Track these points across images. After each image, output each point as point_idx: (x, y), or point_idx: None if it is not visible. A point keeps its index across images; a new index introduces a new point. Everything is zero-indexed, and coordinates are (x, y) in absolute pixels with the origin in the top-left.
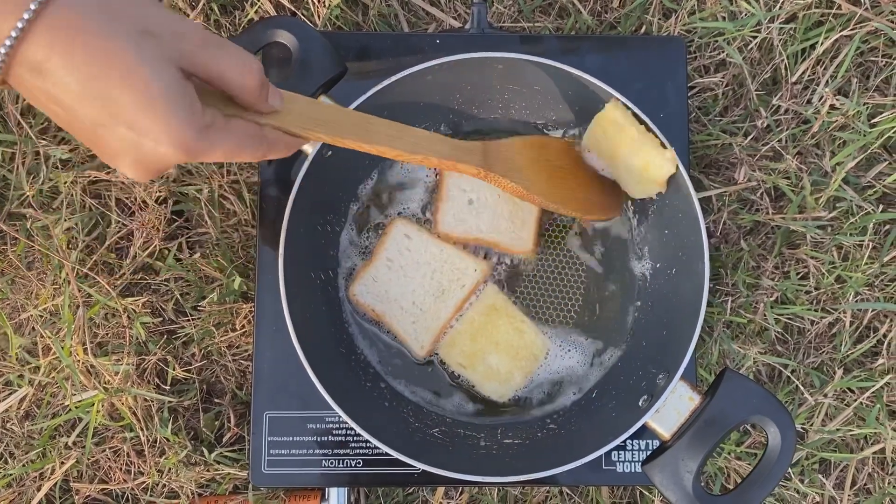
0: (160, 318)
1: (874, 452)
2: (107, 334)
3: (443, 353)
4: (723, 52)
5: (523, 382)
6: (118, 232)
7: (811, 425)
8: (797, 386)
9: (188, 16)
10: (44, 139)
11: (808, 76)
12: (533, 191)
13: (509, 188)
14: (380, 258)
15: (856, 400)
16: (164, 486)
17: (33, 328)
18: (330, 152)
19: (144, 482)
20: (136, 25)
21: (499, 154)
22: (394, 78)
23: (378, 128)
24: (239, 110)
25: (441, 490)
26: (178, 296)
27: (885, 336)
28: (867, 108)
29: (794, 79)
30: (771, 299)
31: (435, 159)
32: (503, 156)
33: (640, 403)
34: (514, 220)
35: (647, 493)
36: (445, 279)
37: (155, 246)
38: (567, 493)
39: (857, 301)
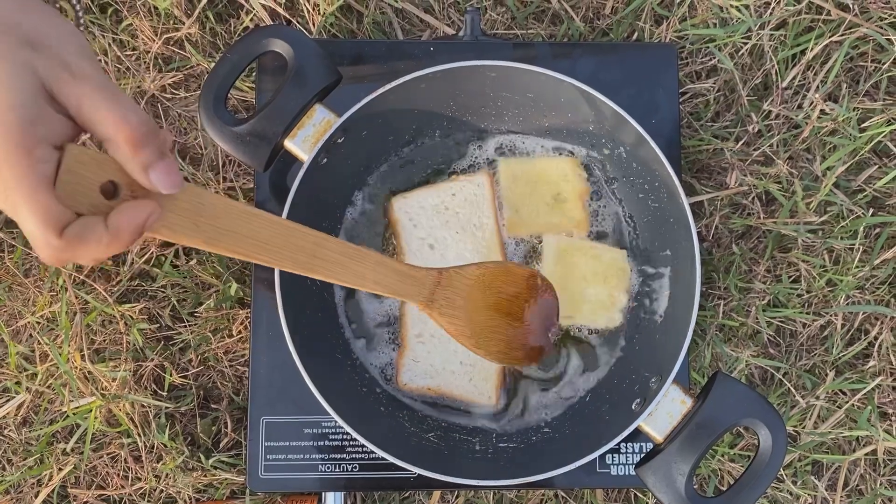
0: (157, 325)
1: (866, 454)
2: (104, 341)
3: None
4: (714, 58)
5: (626, 298)
6: None
7: (803, 427)
8: (789, 388)
9: (183, 24)
10: None
11: (799, 82)
12: (464, 334)
13: (442, 324)
14: (409, 340)
15: (847, 402)
16: (162, 491)
17: (31, 335)
18: (325, 159)
19: (142, 488)
20: (24, 37)
21: (450, 285)
22: (388, 86)
23: (327, 253)
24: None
25: (437, 494)
26: (175, 302)
27: (875, 338)
28: (857, 112)
29: (784, 84)
30: (763, 302)
31: (379, 290)
32: (453, 287)
33: (633, 407)
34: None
35: (641, 496)
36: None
37: (152, 253)
38: (562, 496)
39: (848, 304)
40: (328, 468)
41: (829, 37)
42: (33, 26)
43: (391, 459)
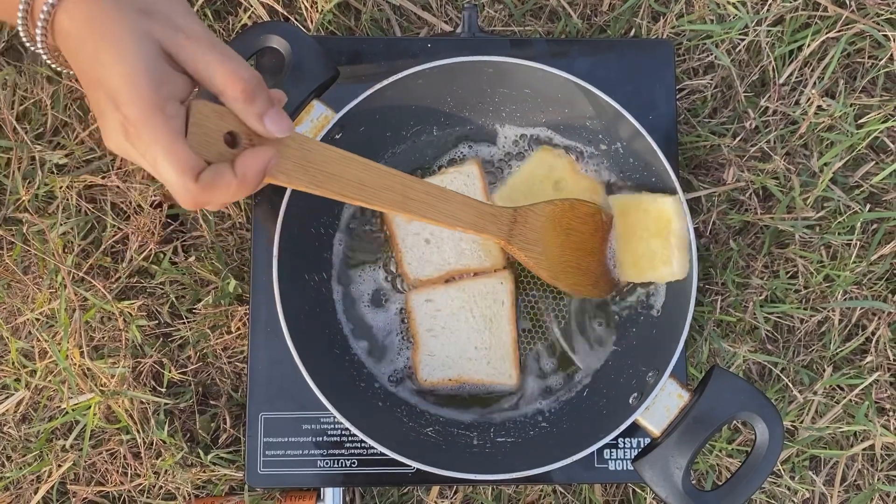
0: (156, 321)
1: (864, 449)
2: (103, 337)
3: (625, 275)
4: (711, 54)
5: (681, 251)
6: (114, 236)
7: (801, 423)
8: (787, 384)
9: None
10: (39, 144)
11: (796, 78)
12: (542, 267)
13: (521, 259)
14: (421, 336)
15: (845, 397)
16: (161, 487)
17: (30, 332)
18: None
19: (141, 484)
20: (138, 5)
21: (525, 222)
22: (385, 82)
23: (416, 193)
24: (230, 157)
25: (436, 489)
26: (174, 299)
27: (873, 334)
28: (854, 108)
29: (781, 80)
30: (760, 298)
31: (464, 227)
32: (529, 224)
33: (630, 401)
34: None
35: (639, 491)
36: (485, 308)
37: (150, 249)
38: (560, 492)
39: (845, 299)
40: (327, 464)
41: (826, 33)
42: None
43: (389, 454)
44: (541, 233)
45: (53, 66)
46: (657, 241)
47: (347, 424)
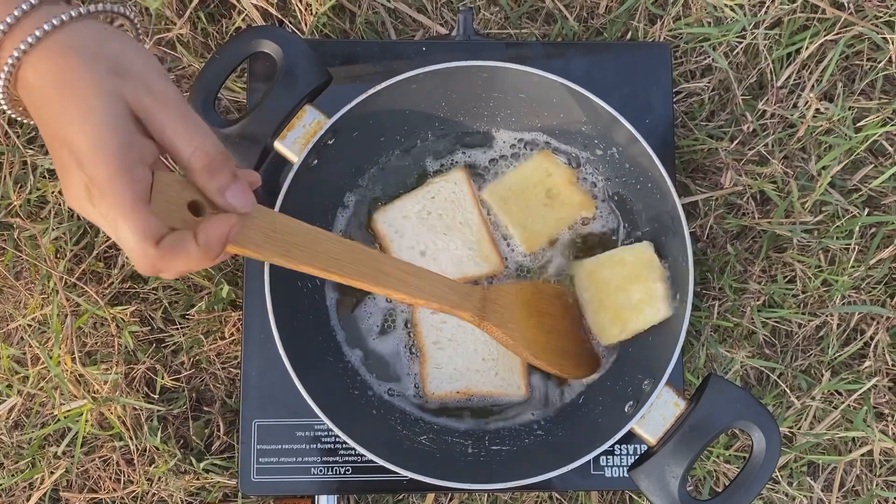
0: (149, 327)
1: (862, 454)
2: (95, 343)
3: (607, 338)
4: (708, 57)
5: (664, 286)
6: (106, 241)
7: (799, 428)
8: (785, 389)
9: (174, 24)
10: (31, 149)
11: (794, 81)
12: (521, 343)
13: (500, 338)
14: (427, 348)
15: (843, 402)
16: (154, 494)
17: (22, 337)
18: (316, 160)
19: (134, 491)
20: (110, 65)
21: (496, 301)
22: (379, 86)
23: (388, 268)
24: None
25: (430, 497)
26: (167, 304)
27: (871, 338)
28: (852, 112)
29: (779, 83)
30: (758, 303)
31: (436, 305)
32: (499, 303)
33: (626, 409)
34: (475, 248)
35: (636, 498)
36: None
37: None
38: (556, 498)
39: (843, 304)
40: (321, 471)
41: (825, 35)
42: (116, 54)
43: (383, 463)
44: (512, 312)
45: (13, 115)
46: (638, 286)
47: (339, 433)
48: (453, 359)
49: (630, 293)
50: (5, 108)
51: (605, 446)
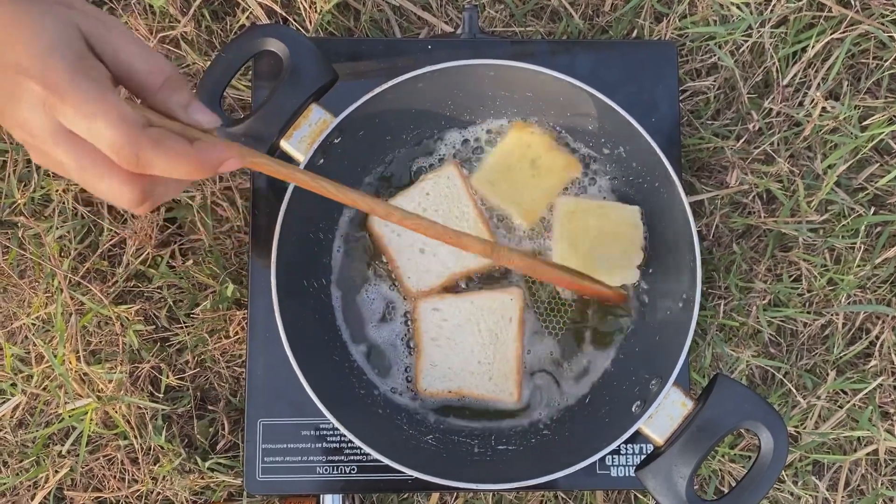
0: (153, 326)
1: (867, 454)
2: (100, 342)
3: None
4: (714, 55)
5: (641, 256)
6: (111, 239)
7: (804, 427)
8: (790, 388)
9: (178, 22)
10: None
11: (800, 79)
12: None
13: (515, 260)
14: (425, 344)
15: (849, 402)
16: (159, 493)
17: (26, 336)
18: (322, 160)
19: (139, 490)
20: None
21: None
22: (385, 85)
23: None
24: (170, 123)
25: (436, 496)
26: (172, 303)
27: (877, 338)
28: (858, 110)
29: (785, 82)
30: (763, 302)
31: (446, 237)
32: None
33: (633, 409)
34: None
35: (641, 498)
36: (492, 323)
37: (147, 253)
38: (562, 498)
39: (849, 303)
40: (326, 470)
41: (831, 34)
42: None
43: (389, 463)
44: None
45: None
46: (617, 245)
47: (345, 432)
48: (449, 357)
49: (607, 249)
50: None
51: (613, 446)
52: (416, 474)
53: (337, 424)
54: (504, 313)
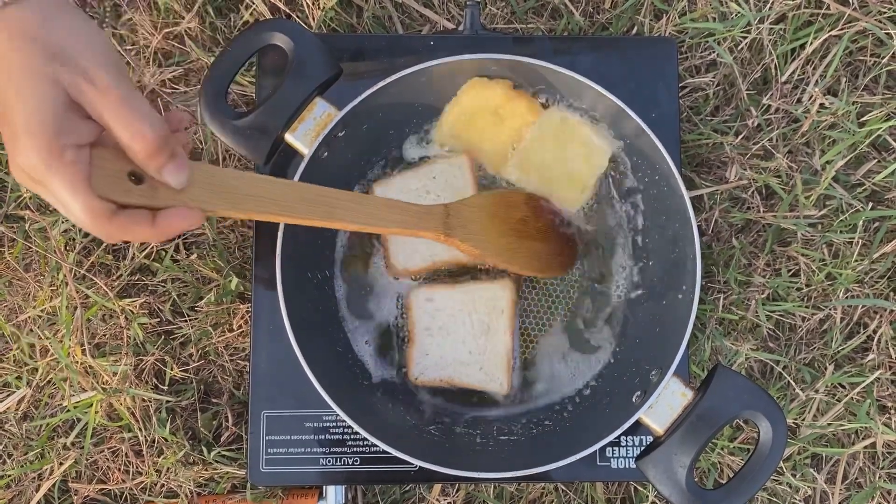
0: (158, 319)
1: (865, 447)
2: (105, 335)
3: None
4: (713, 52)
5: (594, 182)
6: None
7: (803, 420)
8: (789, 382)
9: (183, 18)
10: None
11: (798, 76)
12: (489, 252)
13: (466, 251)
14: (418, 334)
15: (847, 395)
16: (163, 485)
17: (31, 329)
18: (326, 153)
19: (143, 482)
20: (50, 51)
21: (459, 216)
22: (388, 80)
23: (339, 202)
24: (136, 196)
25: (437, 487)
26: (176, 297)
27: (875, 332)
28: (856, 107)
29: (784, 78)
30: (762, 296)
31: (396, 229)
32: (464, 217)
33: (633, 399)
34: None
35: (641, 489)
36: (484, 314)
37: (152, 247)
38: (562, 490)
39: (847, 297)
40: (329, 462)
41: (829, 31)
42: (58, 39)
43: (393, 452)
44: (478, 223)
45: None
46: (570, 144)
47: (351, 422)
48: (441, 347)
49: (569, 153)
50: None
51: (614, 435)
52: (419, 463)
53: (343, 415)
54: (496, 304)
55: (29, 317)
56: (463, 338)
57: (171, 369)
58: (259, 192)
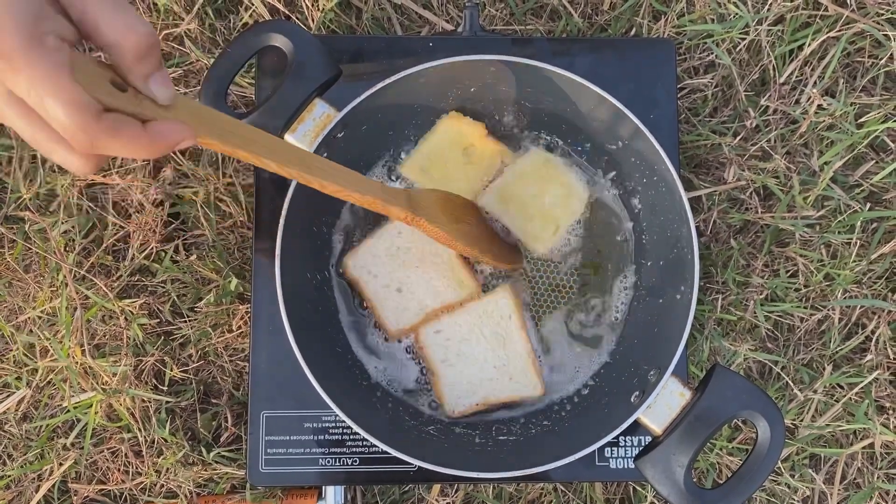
0: (157, 320)
1: (863, 447)
2: (104, 336)
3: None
4: (712, 53)
5: (577, 174)
6: (115, 234)
7: (801, 421)
8: (787, 382)
9: (182, 20)
10: None
11: (796, 77)
12: (453, 234)
13: (432, 232)
14: (438, 367)
15: (845, 396)
16: (163, 486)
17: (31, 330)
18: (325, 154)
19: (142, 482)
20: None
21: (420, 202)
22: (387, 81)
23: (316, 161)
24: (122, 102)
25: (437, 487)
26: (175, 297)
27: (872, 332)
28: (854, 108)
29: (782, 80)
30: (761, 297)
31: (369, 198)
32: (423, 204)
33: (632, 399)
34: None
35: (639, 489)
36: (494, 325)
37: (152, 248)
38: (561, 490)
39: (845, 298)
40: (328, 462)
41: (827, 32)
42: None
43: (392, 452)
44: (436, 212)
45: None
46: (551, 184)
47: (350, 423)
48: (465, 373)
49: (548, 193)
50: None
51: (612, 435)
52: (418, 463)
53: (342, 415)
54: (502, 313)
55: (29, 317)
56: (483, 356)
57: (171, 370)
58: (245, 133)
